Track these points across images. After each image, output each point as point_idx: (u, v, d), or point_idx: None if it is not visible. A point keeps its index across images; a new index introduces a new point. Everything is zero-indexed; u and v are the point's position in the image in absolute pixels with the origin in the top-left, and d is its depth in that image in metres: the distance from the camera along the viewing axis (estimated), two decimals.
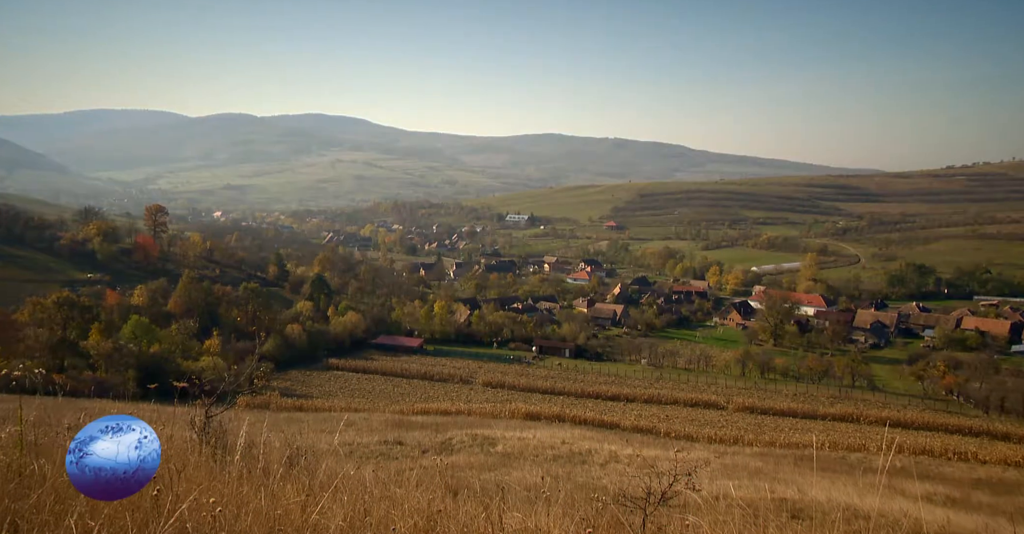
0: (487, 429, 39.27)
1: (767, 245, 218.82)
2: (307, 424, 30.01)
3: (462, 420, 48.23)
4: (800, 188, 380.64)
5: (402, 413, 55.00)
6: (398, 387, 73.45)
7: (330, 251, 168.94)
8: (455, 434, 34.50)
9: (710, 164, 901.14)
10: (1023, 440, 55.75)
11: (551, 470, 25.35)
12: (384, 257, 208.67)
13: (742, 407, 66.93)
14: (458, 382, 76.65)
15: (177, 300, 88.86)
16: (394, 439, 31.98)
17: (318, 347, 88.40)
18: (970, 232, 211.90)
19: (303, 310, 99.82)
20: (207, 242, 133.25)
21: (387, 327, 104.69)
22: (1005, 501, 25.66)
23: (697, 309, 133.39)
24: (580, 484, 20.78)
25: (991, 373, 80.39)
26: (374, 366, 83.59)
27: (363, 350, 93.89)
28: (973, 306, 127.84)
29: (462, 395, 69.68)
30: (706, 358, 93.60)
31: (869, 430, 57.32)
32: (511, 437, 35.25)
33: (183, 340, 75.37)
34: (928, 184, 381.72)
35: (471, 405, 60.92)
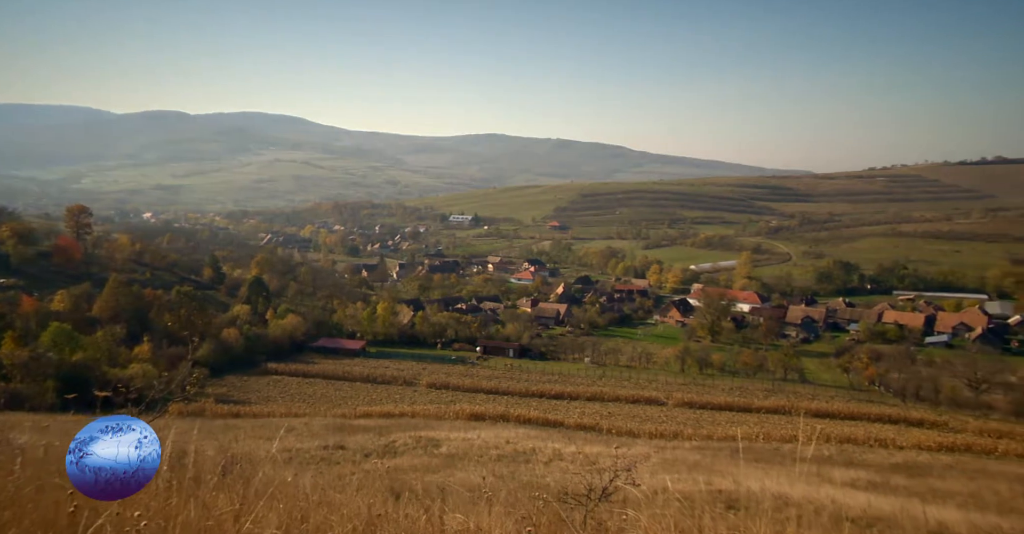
0: (431, 431, 39.05)
1: (705, 244, 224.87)
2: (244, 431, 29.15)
3: (406, 422, 47.77)
4: (735, 188, 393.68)
5: (344, 417, 54.04)
6: (340, 390, 72.11)
7: (268, 252, 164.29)
8: (399, 437, 34.17)
9: (649, 165, 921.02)
10: (935, 426, 59.36)
11: (495, 470, 25.43)
12: (325, 258, 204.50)
13: (682, 402, 68.69)
14: (402, 384, 75.89)
15: (103, 305, 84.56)
16: (336, 444, 31.42)
17: (256, 351, 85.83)
18: (889, 230, 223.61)
19: (240, 313, 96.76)
20: (136, 244, 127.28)
21: (328, 330, 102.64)
22: (919, 483, 27.24)
23: (638, 307, 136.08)
24: (524, 483, 20.93)
25: (908, 364, 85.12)
26: (315, 370, 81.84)
27: (303, 353, 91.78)
28: (893, 301, 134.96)
29: (406, 397, 69.02)
30: (647, 355, 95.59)
31: (800, 421, 59.77)
32: (455, 438, 35.17)
33: (109, 347, 71.70)
34: (852, 185, 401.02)
35: (415, 407, 60.43)
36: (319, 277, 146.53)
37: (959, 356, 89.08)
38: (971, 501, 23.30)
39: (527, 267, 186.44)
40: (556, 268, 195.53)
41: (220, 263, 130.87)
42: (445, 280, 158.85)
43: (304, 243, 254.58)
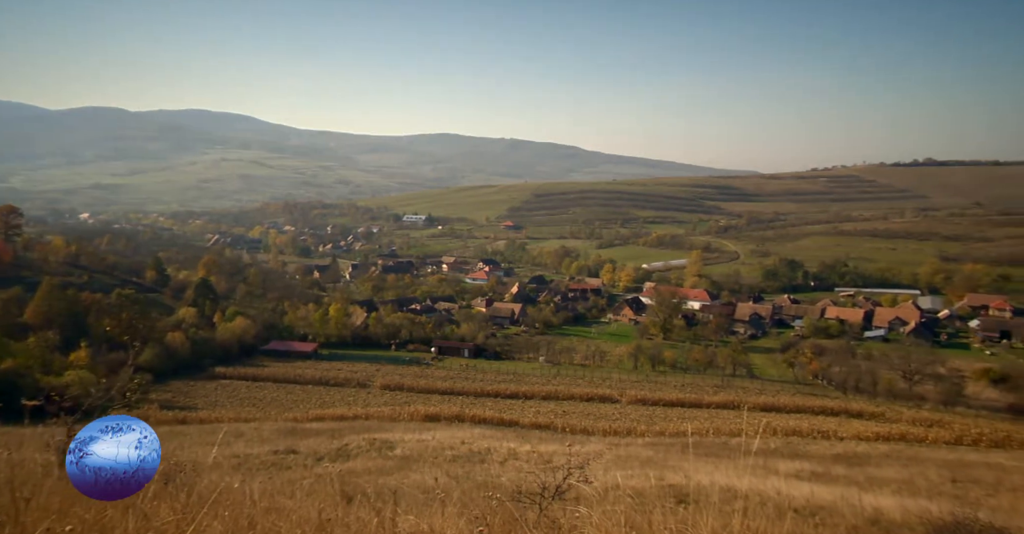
0: (385, 433, 38.66)
1: (657, 243, 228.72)
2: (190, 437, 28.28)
3: (360, 425, 47.15)
4: (686, 188, 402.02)
5: (296, 421, 53.01)
6: (291, 394, 70.72)
7: (216, 254, 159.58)
8: (352, 439, 33.71)
9: (603, 165, 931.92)
10: (873, 417, 61.96)
11: (451, 471, 25.36)
12: (275, 259, 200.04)
13: (635, 399, 69.80)
14: (355, 386, 74.91)
15: (35, 310, 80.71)
16: (287, 448, 30.80)
17: (203, 355, 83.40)
18: (831, 229, 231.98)
19: (186, 317, 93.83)
20: (72, 246, 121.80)
21: (279, 332, 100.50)
22: (858, 472, 28.34)
23: (592, 306, 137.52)
24: (479, 483, 20.94)
25: (848, 358, 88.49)
26: (265, 373, 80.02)
27: (253, 357, 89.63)
28: (835, 297, 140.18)
29: (359, 399, 68.15)
30: (601, 353, 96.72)
31: (748, 415, 61.47)
32: (410, 439, 34.91)
33: (43, 353, 68.48)
34: (796, 185, 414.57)
35: (369, 409, 59.72)
36: (269, 278, 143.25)
37: (895, 349, 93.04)
38: (904, 487, 24.37)
39: (482, 267, 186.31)
40: (511, 268, 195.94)
41: (164, 265, 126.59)
42: (399, 281, 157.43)
43: (253, 244, 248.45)
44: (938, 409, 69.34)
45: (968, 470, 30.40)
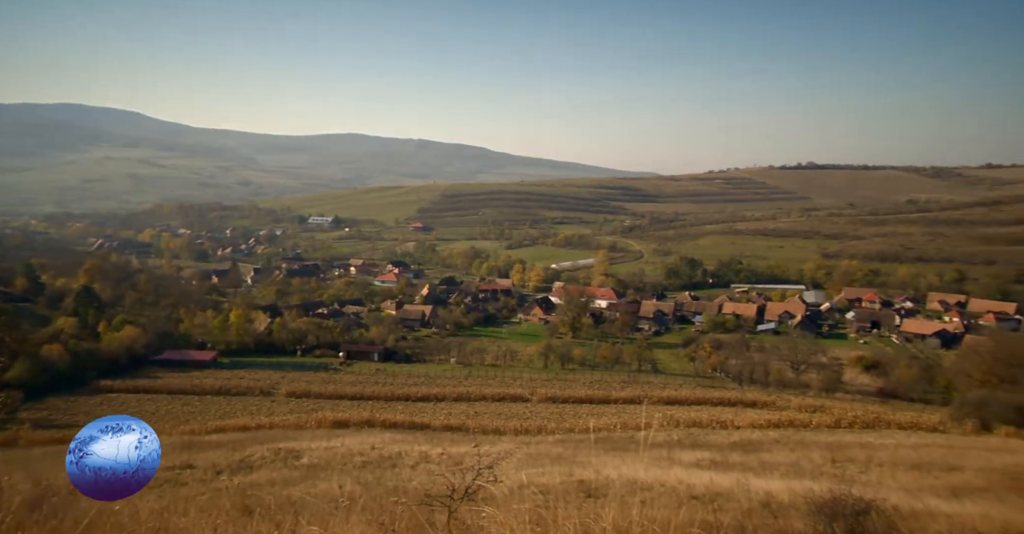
0: (291, 441, 37.32)
1: (564, 243, 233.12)
2: None
3: (264, 435, 45.24)
4: (591, 189, 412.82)
5: (193, 433, 50.15)
6: (188, 406, 66.84)
7: (100, 259, 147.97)
8: (255, 450, 32.31)
9: (510, 166, 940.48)
10: (765, 405, 66.12)
11: (360, 477, 24.83)
12: (169, 264, 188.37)
13: (545, 398, 70.95)
14: (259, 395, 71.83)
15: None
16: (183, 463, 29.10)
17: (86, 368, 77.18)
18: (727, 229, 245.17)
19: (65, 327, 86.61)
20: None
21: (174, 341, 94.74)
22: (752, 458, 30.14)
23: (503, 306, 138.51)
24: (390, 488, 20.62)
25: (743, 350, 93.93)
26: (158, 385, 75.21)
27: (145, 368, 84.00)
28: (731, 293, 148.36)
29: (263, 408, 65.41)
30: (512, 353, 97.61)
31: (653, 409, 63.94)
32: (318, 447, 33.88)
33: None
34: (695, 187, 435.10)
35: (274, 418, 57.44)
36: (162, 285, 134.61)
37: (784, 341, 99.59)
38: (792, 470, 26.12)
39: (391, 269, 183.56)
40: (421, 269, 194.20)
41: (37, 272, 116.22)
42: (305, 284, 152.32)
43: (144, 248, 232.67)
44: (820, 395, 74.92)
45: (845, 450, 33.05)
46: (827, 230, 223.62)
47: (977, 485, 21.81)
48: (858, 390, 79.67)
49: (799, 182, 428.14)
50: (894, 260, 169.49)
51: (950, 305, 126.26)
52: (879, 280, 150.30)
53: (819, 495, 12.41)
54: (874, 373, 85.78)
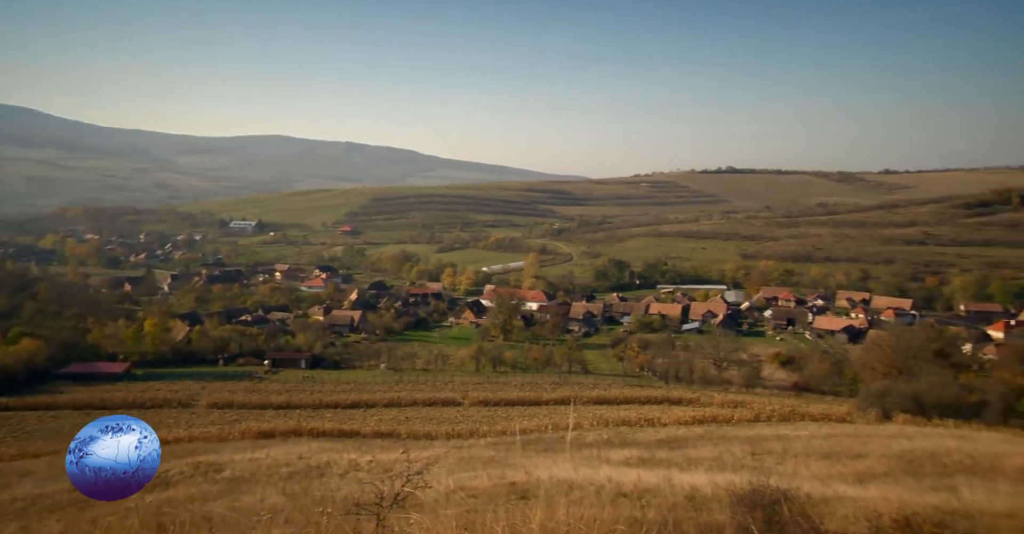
0: (212, 455, 35.74)
1: (495, 246, 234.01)
2: None
3: (182, 448, 43.15)
4: (521, 193, 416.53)
5: None
6: None
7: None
8: (172, 465, 30.77)
9: (440, 169, 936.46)
10: (690, 402, 68.43)
11: (287, 488, 24.11)
12: (75, 272, 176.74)
13: (477, 401, 70.92)
14: (177, 407, 68.48)
15: None
16: None
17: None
18: (652, 231, 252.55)
19: None
20: None
21: (81, 353, 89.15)
22: (678, 454, 31.13)
23: (434, 310, 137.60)
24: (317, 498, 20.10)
25: (669, 349, 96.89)
26: (62, 400, 70.49)
27: (48, 383, 78.63)
28: (657, 294, 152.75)
29: (182, 421, 62.41)
30: (443, 357, 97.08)
31: (584, 410, 65.04)
32: (240, 460, 32.60)
33: None
34: (621, 190, 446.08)
35: (193, 431, 54.88)
36: (67, 293, 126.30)
37: (707, 339, 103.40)
38: (715, 464, 27.14)
39: (318, 274, 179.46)
40: (349, 274, 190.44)
41: None
42: (227, 291, 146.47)
43: (45, 255, 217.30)
44: (742, 391, 78.19)
45: (763, 443, 34.61)
46: (745, 232, 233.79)
47: (879, 470, 23.33)
48: (776, 385, 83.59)
49: (720, 185, 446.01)
50: (806, 260, 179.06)
51: (856, 302, 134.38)
52: (793, 279, 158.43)
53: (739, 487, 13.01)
54: (790, 368, 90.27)
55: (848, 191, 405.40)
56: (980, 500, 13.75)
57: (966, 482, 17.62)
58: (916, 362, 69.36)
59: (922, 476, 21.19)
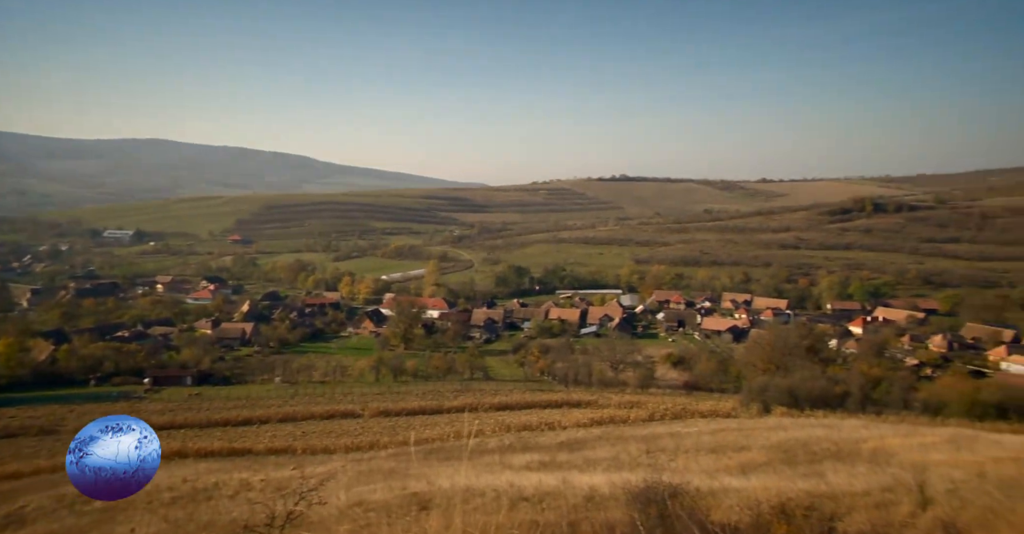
0: None
1: (395, 254, 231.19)
2: None
3: (44, 481, 39.17)
4: (420, 200, 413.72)
5: None
6: None
7: None
8: (31, 499, 27.87)
9: (336, 176, 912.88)
10: (589, 405, 70.22)
11: (169, 515, 22.52)
12: None
13: (377, 412, 69.36)
14: (37, 434, 62.03)
15: None
16: None
17: None
18: (551, 237, 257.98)
19: None
20: None
21: None
22: (577, 456, 31.86)
23: (331, 320, 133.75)
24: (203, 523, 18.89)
25: (568, 353, 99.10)
26: None
27: None
28: (556, 299, 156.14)
29: (43, 450, 56.49)
30: (342, 368, 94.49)
31: (485, 416, 65.16)
32: None
33: None
34: (521, 197, 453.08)
35: (57, 460, 49.86)
36: None
37: (604, 343, 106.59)
38: (613, 464, 28.00)
39: (206, 285, 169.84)
40: (240, 285, 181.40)
41: None
42: (100, 305, 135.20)
43: None
44: (637, 392, 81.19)
45: (657, 441, 36.12)
46: (639, 237, 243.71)
47: (760, 461, 24.95)
48: (668, 384, 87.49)
49: (614, 193, 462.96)
50: (695, 264, 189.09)
51: (739, 303, 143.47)
52: (683, 283, 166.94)
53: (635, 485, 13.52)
54: (681, 368, 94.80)
55: (731, 198, 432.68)
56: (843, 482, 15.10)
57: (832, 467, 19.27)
58: (791, 358, 74.83)
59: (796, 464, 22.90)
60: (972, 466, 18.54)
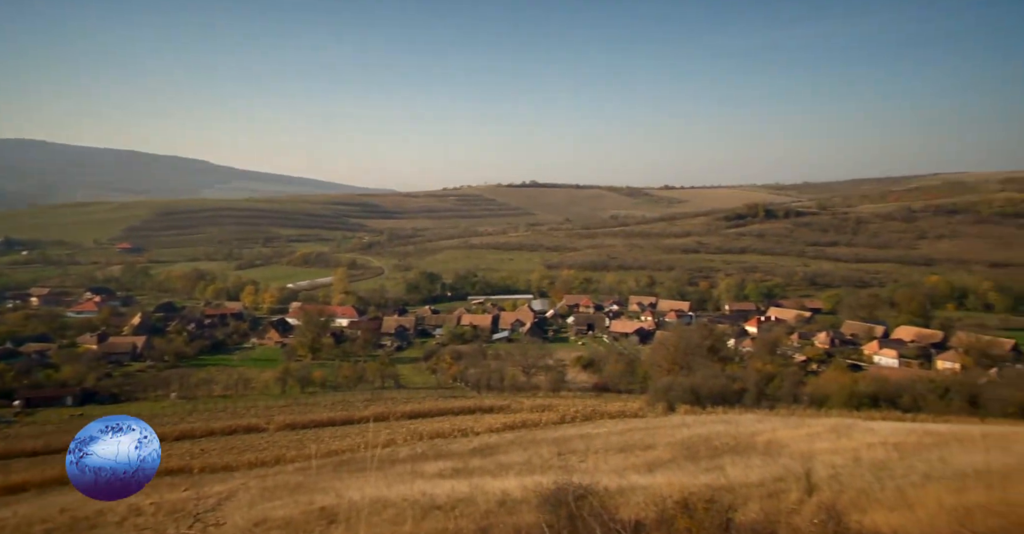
0: None
1: (302, 262, 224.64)
2: None
3: None
4: (328, 206, 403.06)
5: None
6: None
7: None
8: None
9: (237, 181, 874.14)
10: (501, 409, 70.49)
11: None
12: None
13: (284, 425, 66.65)
14: None
15: None
16: None
17: None
18: (462, 243, 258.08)
19: None
20: None
21: None
22: (490, 462, 31.94)
23: (233, 331, 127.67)
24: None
25: (481, 359, 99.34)
26: None
27: None
28: (468, 305, 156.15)
29: None
30: (245, 381, 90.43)
31: (398, 424, 64.05)
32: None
33: None
34: (431, 203, 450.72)
35: None
36: None
37: (516, 348, 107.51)
38: (525, 468, 28.25)
39: (90, 297, 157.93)
40: (131, 296, 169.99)
41: None
42: None
43: None
44: (549, 395, 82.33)
45: (568, 443, 36.77)
46: (549, 243, 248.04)
47: (665, 458, 25.95)
48: (579, 387, 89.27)
49: (524, 199, 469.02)
50: (603, 269, 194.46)
51: (645, 306, 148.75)
52: (592, 287, 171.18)
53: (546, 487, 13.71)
54: (591, 370, 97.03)
55: (636, 204, 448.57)
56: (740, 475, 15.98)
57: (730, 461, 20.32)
58: (694, 358, 78.34)
59: (698, 459, 23.97)
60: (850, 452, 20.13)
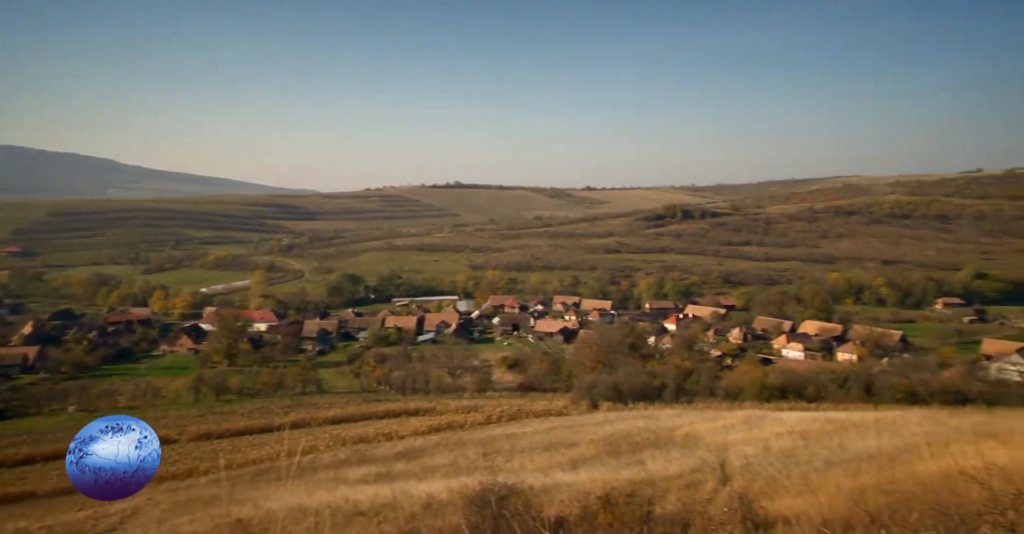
0: None
1: (216, 265, 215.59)
2: None
3: None
4: (245, 207, 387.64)
5: None
6: None
7: None
8: None
9: (146, 181, 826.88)
10: (427, 412, 69.94)
11: None
12: None
13: (197, 436, 63.64)
14: None
15: None
16: None
17: None
18: (386, 245, 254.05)
19: None
20: None
21: None
22: (416, 465, 31.61)
23: (140, 339, 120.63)
24: None
25: (406, 362, 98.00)
26: None
27: None
28: (392, 307, 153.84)
29: None
30: (154, 391, 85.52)
31: (320, 430, 62.36)
32: None
33: None
34: (353, 204, 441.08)
35: None
36: None
37: (442, 349, 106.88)
38: (451, 470, 28.11)
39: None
40: (20, 304, 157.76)
41: None
42: None
43: None
44: (475, 396, 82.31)
45: (494, 443, 36.90)
46: (474, 244, 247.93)
47: (589, 455, 26.46)
48: (505, 387, 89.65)
49: (448, 200, 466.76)
50: (527, 269, 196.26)
51: (569, 305, 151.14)
52: (517, 287, 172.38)
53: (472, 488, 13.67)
54: (516, 370, 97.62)
55: (559, 205, 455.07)
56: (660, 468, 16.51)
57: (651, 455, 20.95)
58: (616, 356, 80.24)
59: (620, 455, 24.57)
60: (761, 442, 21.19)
